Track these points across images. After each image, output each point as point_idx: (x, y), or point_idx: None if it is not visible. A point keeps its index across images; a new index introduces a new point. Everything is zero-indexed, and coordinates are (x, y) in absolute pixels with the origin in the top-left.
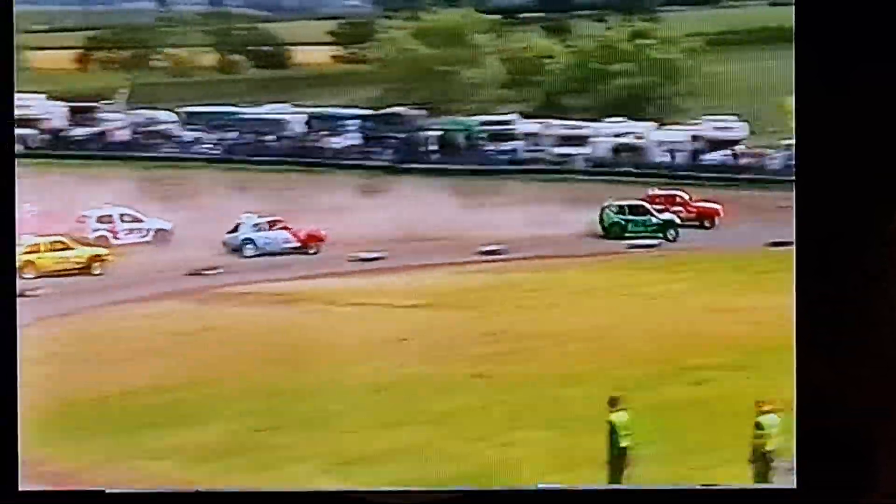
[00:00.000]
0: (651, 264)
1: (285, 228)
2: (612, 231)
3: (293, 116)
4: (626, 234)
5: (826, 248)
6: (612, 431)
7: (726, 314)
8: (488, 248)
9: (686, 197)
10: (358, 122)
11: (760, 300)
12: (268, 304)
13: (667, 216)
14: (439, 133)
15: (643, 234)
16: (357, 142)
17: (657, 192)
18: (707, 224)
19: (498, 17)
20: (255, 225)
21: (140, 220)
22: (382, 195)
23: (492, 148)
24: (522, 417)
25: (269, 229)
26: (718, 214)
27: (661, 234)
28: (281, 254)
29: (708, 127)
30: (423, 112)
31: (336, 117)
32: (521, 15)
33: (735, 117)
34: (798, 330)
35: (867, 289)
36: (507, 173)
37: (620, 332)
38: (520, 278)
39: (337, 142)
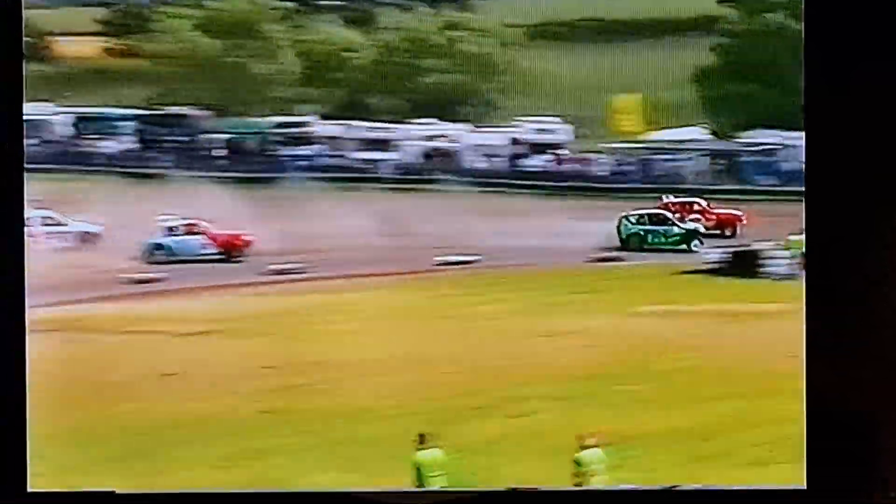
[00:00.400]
0: (468, 283)
1: (203, 233)
2: (630, 242)
3: (56, 117)
4: (646, 246)
5: (835, 250)
6: (420, 472)
7: (549, 338)
8: (280, 267)
9: (704, 204)
10: (133, 123)
11: (587, 322)
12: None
13: (690, 225)
14: (227, 136)
15: (664, 246)
16: (132, 146)
17: (671, 199)
18: (728, 232)
19: (293, 4)
20: (170, 229)
21: (62, 224)
22: (158, 206)
23: (287, 153)
24: (318, 458)
25: (186, 233)
26: (740, 221)
27: (684, 245)
28: (199, 261)
29: (528, 129)
30: (209, 112)
31: (107, 118)
32: (320, 3)
33: (559, 118)
34: (807, 334)
35: (872, 292)
36: (304, 181)
37: (432, 359)
38: (316, 301)
39: (108, 146)
